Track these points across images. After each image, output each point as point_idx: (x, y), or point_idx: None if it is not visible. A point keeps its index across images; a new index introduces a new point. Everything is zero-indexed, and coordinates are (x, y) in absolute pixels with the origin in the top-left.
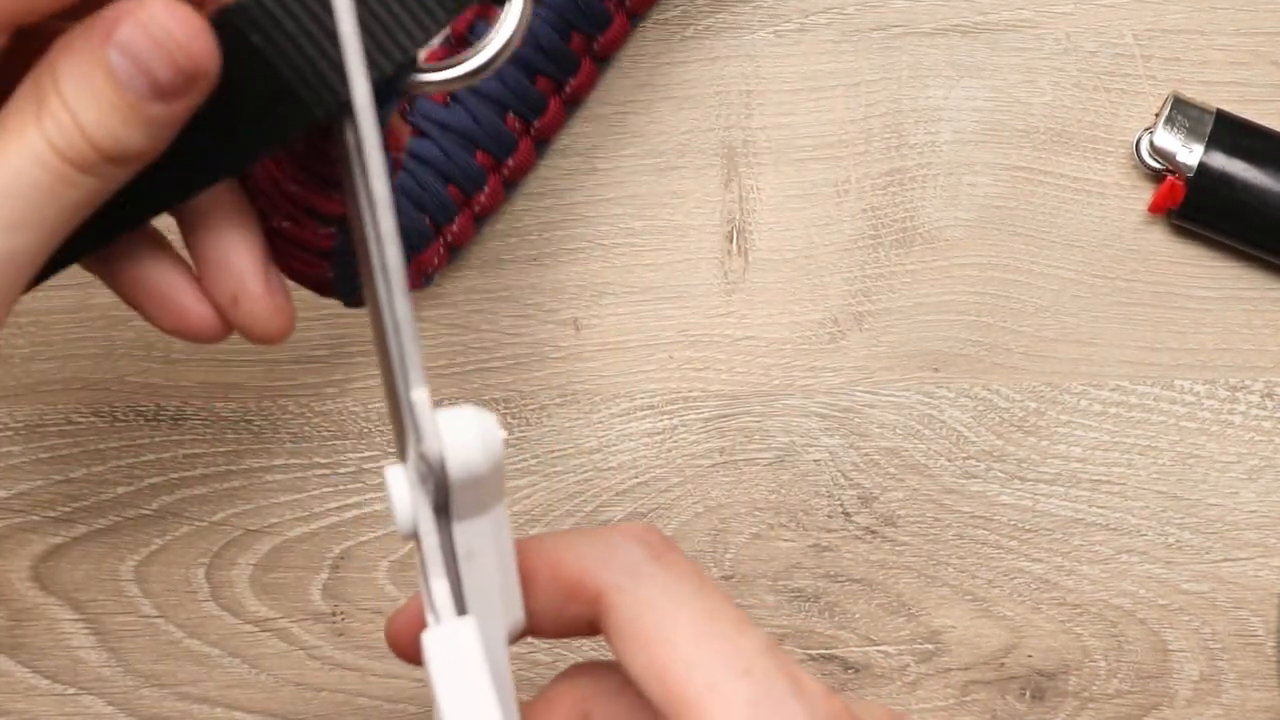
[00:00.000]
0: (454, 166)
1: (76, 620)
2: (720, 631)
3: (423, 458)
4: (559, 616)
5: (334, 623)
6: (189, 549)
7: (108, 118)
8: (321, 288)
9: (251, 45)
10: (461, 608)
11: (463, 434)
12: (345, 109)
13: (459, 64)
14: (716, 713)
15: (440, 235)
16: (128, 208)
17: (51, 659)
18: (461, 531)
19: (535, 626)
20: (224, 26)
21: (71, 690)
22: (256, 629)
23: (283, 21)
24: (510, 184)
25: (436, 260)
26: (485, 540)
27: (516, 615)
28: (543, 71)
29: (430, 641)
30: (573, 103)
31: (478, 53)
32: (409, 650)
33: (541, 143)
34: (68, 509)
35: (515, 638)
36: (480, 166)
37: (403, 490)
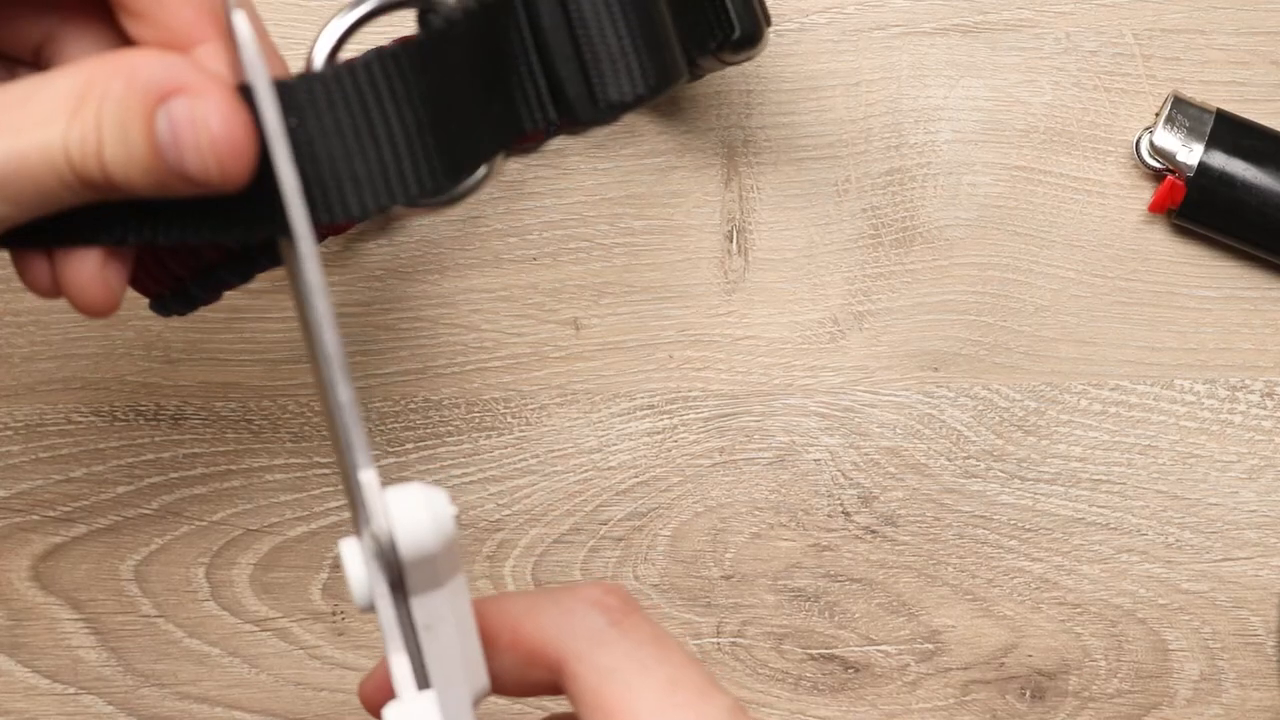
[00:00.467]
0: None
1: (76, 620)
2: (684, 700)
3: (374, 538)
4: (522, 680)
5: (334, 623)
6: (189, 549)
7: (129, 160)
8: (149, 296)
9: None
10: (423, 680)
11: (412, 514)
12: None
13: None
14: None
15: None
16: (93, 232)
17: (51, 659)
18: (419, 605)
19: (500, 688)
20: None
21: (71, 690)
22: (256, 629)
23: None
24: None
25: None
26: (443, 612)
27: (480, 680)
28: None
29: (391, 719)
30: None
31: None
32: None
33: None
34: (68, 509)
35: (480, 699)
36: None
37: (358, 566)
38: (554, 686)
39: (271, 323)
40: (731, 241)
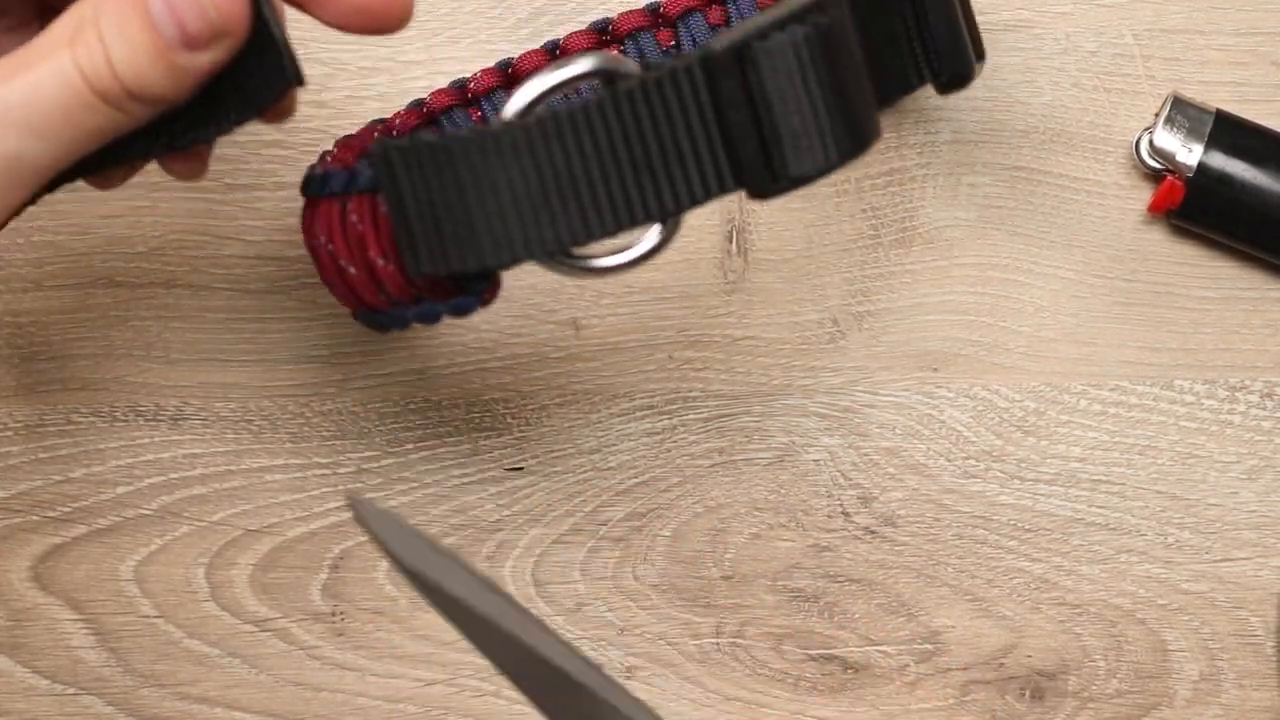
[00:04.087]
0: None
1: (76, 620)
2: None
3: None
4: None
5: (334, 623)
6: (189, 549)
7: (137, 57)
8: (346, 301)
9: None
10: None
11: None
12: None
13: (619, 254)
14: None
15: None
16: (136, 142)
17: (51, 659)
18: None
19: None
20: None
21: (71, 690)
22: (256, 629)
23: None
24: None
25: None
26: None
27: None
28: None
29: None
30: None
31: (633, 246)
32: None
33: None
34: (68, 509)
35: None
36: None
37: None
38: None
39: (271, 323)
40: (731, 241)
